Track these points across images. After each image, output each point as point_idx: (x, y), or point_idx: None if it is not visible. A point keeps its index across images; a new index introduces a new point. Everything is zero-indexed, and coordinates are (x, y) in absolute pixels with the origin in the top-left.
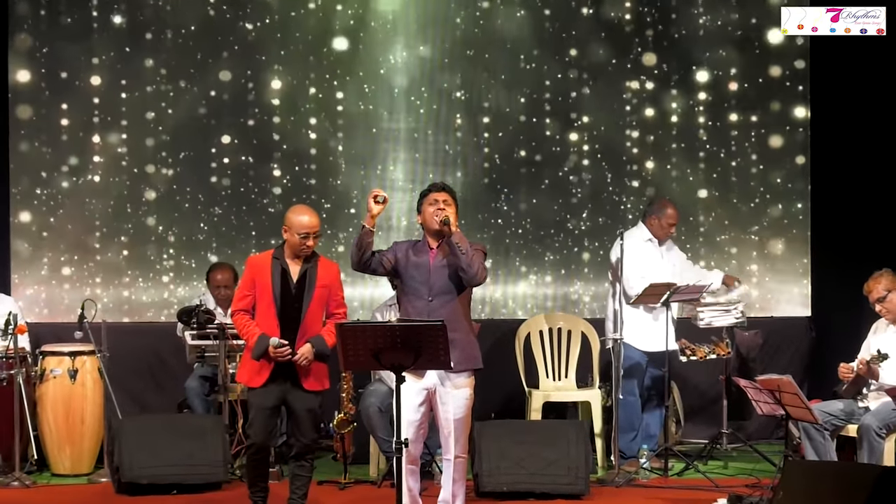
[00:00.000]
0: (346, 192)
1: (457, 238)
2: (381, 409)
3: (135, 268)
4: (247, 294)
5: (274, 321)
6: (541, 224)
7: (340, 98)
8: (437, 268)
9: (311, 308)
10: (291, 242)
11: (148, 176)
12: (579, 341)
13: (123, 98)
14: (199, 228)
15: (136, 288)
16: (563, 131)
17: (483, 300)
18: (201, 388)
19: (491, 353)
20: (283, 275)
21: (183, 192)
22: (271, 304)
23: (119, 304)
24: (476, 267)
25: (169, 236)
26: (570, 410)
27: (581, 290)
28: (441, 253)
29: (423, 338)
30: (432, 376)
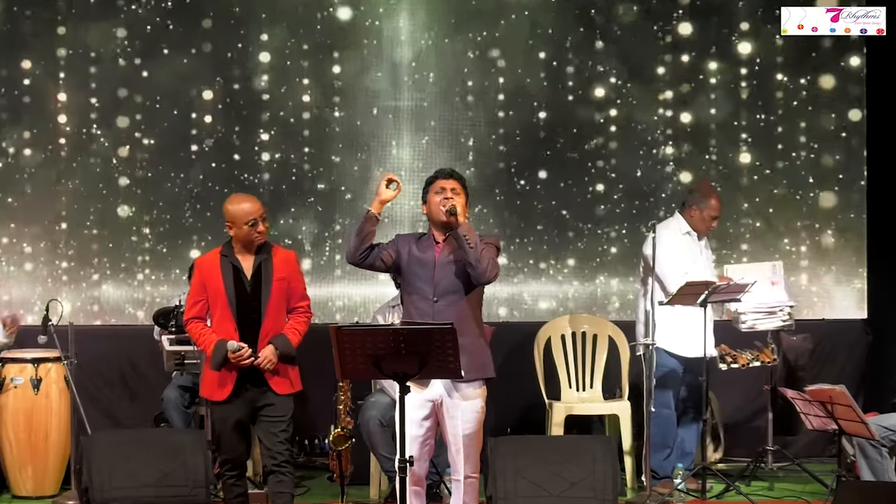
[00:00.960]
0: (343, 177)
1: (464, 230)
2: (383, 423)
3: (106, 263)
4: (198, 300)
5: (231, 325)
6: (563, 214)
7: (338, 72)
8: (443, 264)
9: (270, 305)
10: (240, 235)
11: (121, 158)
12: (606, 347)
13: (93, 73)
14: (179, 217)
15: (108, 286)
16: (589, 108)
17: (497, 300)
18: (180, 399)
19: (506, 361)
20: (236, 272)
21: (161, 176)
22: (226, 306)
23: (88, 305)
24: (486, 263)
25: (144, 227)
26: (596, 425)
27: (609, 289)
28: (448, 247)
29: (429, 343)
30: (438, 386)
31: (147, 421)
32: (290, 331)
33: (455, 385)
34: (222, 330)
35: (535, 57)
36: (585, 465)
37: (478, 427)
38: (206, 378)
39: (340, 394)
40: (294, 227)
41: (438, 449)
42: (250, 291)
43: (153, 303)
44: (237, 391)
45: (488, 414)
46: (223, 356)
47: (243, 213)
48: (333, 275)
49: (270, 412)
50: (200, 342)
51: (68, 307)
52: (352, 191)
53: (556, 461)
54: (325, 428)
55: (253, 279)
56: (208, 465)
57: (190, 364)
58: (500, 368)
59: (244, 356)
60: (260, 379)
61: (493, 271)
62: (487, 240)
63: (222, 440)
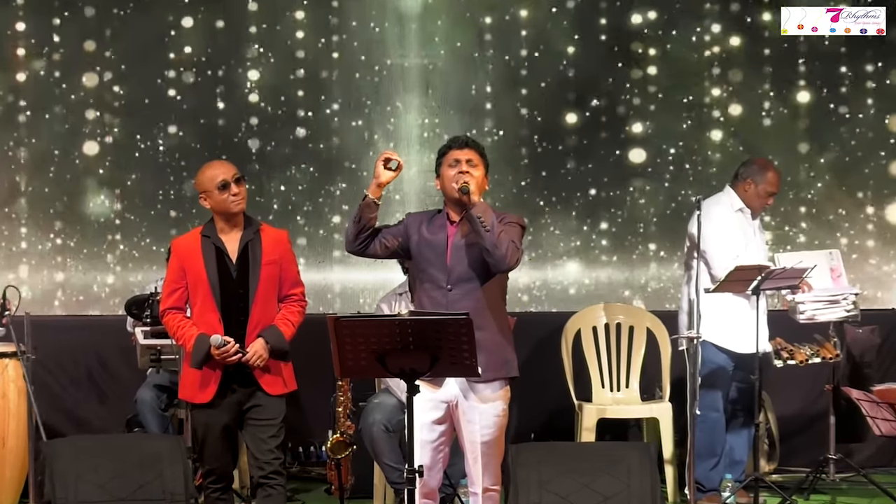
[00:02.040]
0: (342, 147)
1: (479, 210)
2: (389, 427)
3: (71, 244)
4: (176, 287)
5: (215, 315)
6: (595, 189)
7: (336, 24)
8: (458, 248)
9: (259, 292)
10: (217, 205)
11: (88, 122)
12: (644, 340)
13: (56, 24)
14: (155, 193)
15: (72, 270)
16: (625, 68)
17: (518, 287)
18: (157, 400)
19: (529, 356)
20: (219, 255)
21: (134, 145)
22: (209, 294)
23: (50, 292)
24: (504, 247)
25: (115, 203)
26: (633, 430)
27: (648, 274)
28: (463, 228)
29: (441, 335)
30: (453, 386)
31: (118, 425)
32: (282, 322)
33: (472, 385)
34: (204, 322)
35: (562, 6)
36: (620, 476)
37: (498, 433)
38: (186, 377)
39: (339, 394)
40: (284, 200)
41: (453, 457)
42: (236, 277)
43: (125, 290)
44: (222, 392)
45: (510, 417)
46: (205, 352)
47: (211, 177)
48: (331, 257)
49: (259, 415)
50: (179, 336)
51: (27, 294)
52: (352, 159)
53: (586, 471)
54: (322, 433)
55: (239, 262)
56: (189, 475)
57: (167, 360)
58: (522, 365)
59: (230, 352)
60: (248, 378)
61: (514, 257)
62: (509, 219)
63: (205, 448)
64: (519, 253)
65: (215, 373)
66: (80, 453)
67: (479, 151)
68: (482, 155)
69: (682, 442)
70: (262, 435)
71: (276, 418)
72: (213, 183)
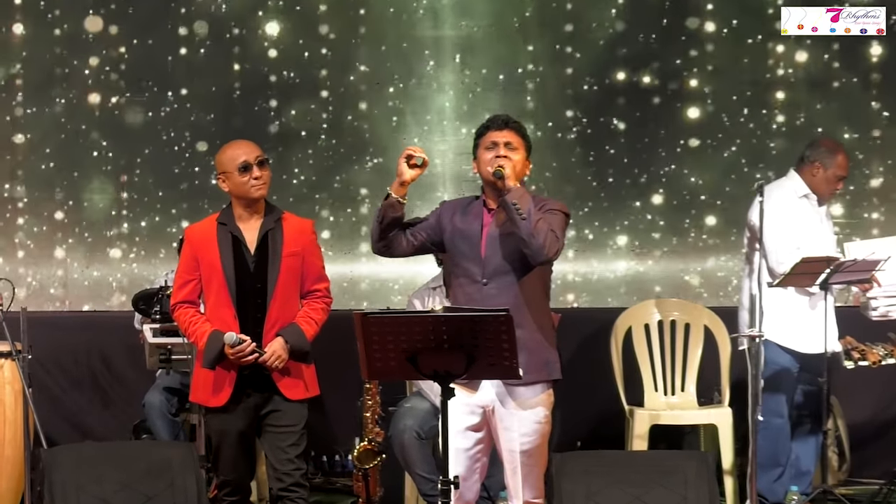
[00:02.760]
0: (370, 126)
1: (514, 196)
2: (421, 434)
3: (71, 233)
4: (189, 279)
5: (230, 311)
6: (647, 173)
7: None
8: (494, 238)
9: (279, 286)
10: (236, 189)
11: (87, 99)
12: (702, 339)
13: None
14: (164, 178)
15: (74, 261)
16: (678, 42)
17: (563, 280)
18: (166, 404)
19: (575, 357)
20: (236, 244)
21: (140, 123)
22: (223, 287)
23: (48, 286)
24: (542, 236)
25: (122, 190)
26: (689, 437)
27: (705, 266)
28: (500, 216)
29: (479, 334)
30: (489, 390)
31: (124, 432)
32: (303, 320)
33: (510, 389)
34: (218, 317)
35: None
36: (675, 487)
37: (540, 441)
38: (199, 379)
39: (367, 398)
40: (308, 187)
41: (491, 468)
42: (253, 269)
43: (133, 283)
44: (237, 396)
45: (553, 424)
46: (219, 351)
47: (231, 157)
48: (358, 248)
49: (277, 421)
50: (191, 333)
51: (22, 289)
52: (380, 143)
53: (638, 483)
54: (349, 441)
55: (258, 253)
56: (202, 486)
57: (178, 361)
58: (568, 366)
59: (245, 351)
60: (265, 380)
61: (553, 248)
62: (550, 206)
63: (220, 457)
64: (559, 243)
65: (230, 374)
66: (82, 462)
67: (521, 133)
68: (523, 137)
69: (742, 451)
70: (281, 443)
71: (296, 425)
72: (234, 164)
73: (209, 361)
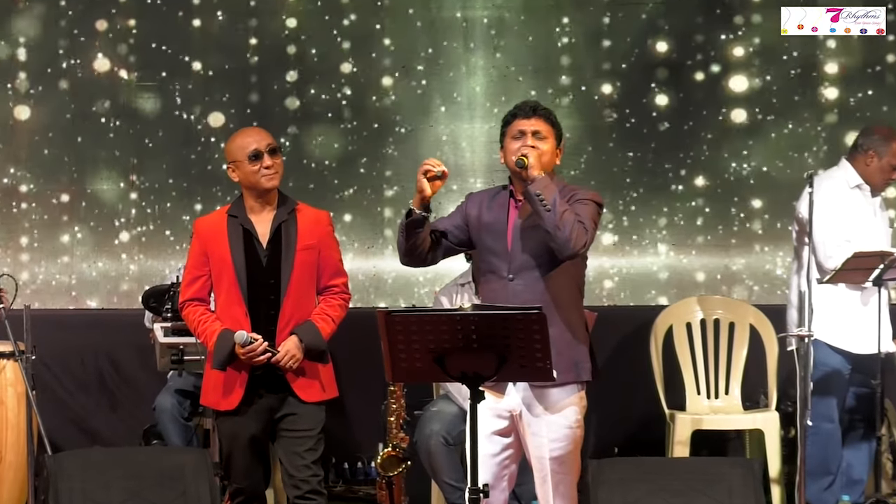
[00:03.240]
0: (396, 107)
1: (539, 186)
2: (449, 440)
3: (76, 225)
4: (198, 275)
5: (241, 308)
6: (690, 160)
7: None
8: (520, 230)
9: (293, 282)
10: (246, 179)
11: (96, 80)
12: (747, 339)
13: None
14: (176, 164)
15: (80, 255)
16: (722, 13)
17: (598, 275)
18: (178, 407)
19: (614, 358)
20: (247, 238)
21: (150, 106)
22: (234, 283)
23: (51, 282)
24: (568, 229)
25: (131, 174)
26: (733, 443)
27: (751, 261)
28: (527, 208)
29: (511, 333)
30: (514, 394)
31: (134, 437)
32: (319, 317)
33: (539, 391)
34: (229, 316)
35: None
36: (720, 496)
37: (572, 447)
38: (209, 380)
39: (391, 402)
40: (328, 172)
41: (522, 475)
42: (266, 263)
43: (143, 279)
44: (249, 398)
45: (588, 429)
46: (229, 351)
47: (241, 145)
48: (382, 240)
49: (293, 425)
50: (200, 332)
51: (27, 284)
52: (407, 128)
53: (679, 491)
54: (372, 447)
55: (270, 247)
56: (216, 494)
57: (191, 362)
58: (605, 368)
59: (257, 351)
60: (279, 382)
61: (580, 241)
62: (581, 195)
63: (232, 463)
64: (588, 235)
65: (241, 375)
66: (90, 469)
67: (550, 121)
68: (553, 125)
69: (790, 457)
70: (296, 448)
71: (312, 429)
72: (244, 152)
73: (219, 362)
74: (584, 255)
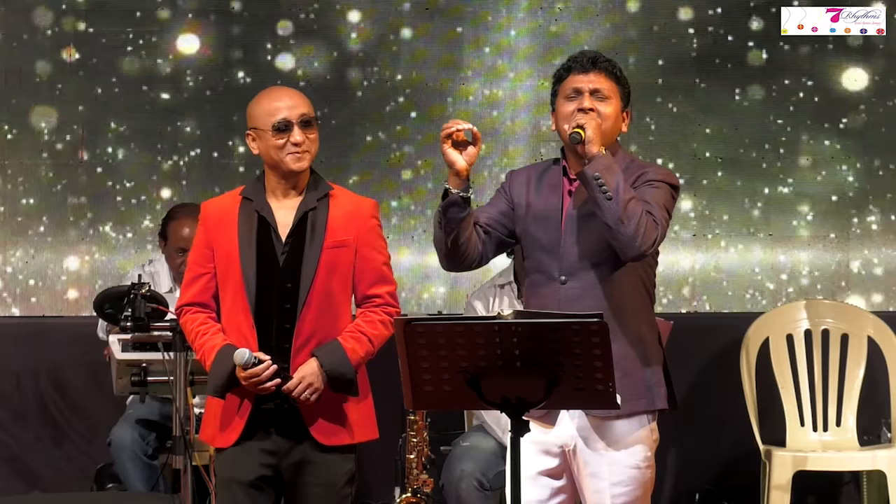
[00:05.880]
0: (426, 69)
1: (598, 167)
2: (484, 483)
3: (18, 214)
4: (201, 273)
5: (246, 319)
6: (783, 135)
7: None
8: (575, 220)
9: (316, 286)
10: (269, 154)
11: (46, 39)
12: (865, 355)
13: None
14: (144, 142)
15: (22, 252)
16: None
17: (674, 276)
18: (140, 442)
19: (694, 380)
20: (262, 228)
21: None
22: (240, 285)
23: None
24: (634, 224)
25: (82, 151)
26: (848, 487)
27: (867, 258)
28: (583, 192)
29: (563, 348)
30: (568, 424)
31: (84, 479)
32: (351, 336)
33: (598, 422)
34: (233, 327)
35: None
36: None
37: (639, 492)
38: (210, 409)
39: (411, 435)
40: (335, 150)
41: None
42: (284, 262)
43: (97, 278)
44: (250, 434)
45: (661, 469)
46: (228, 373)
47: (267, 111)
48: (402, 231)
49: (309, 477)
50: (197, 347)
51: None
52: (440, 94)
53: None
54: (387, 493)
55: (291, 241)
56: None
57: (157, 384)
58: (681, 392)
59: (262, 377)
60: (293, 418)
61: (650, 238)
62: (651, 175)
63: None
64: (659, 230)
65: (243, 404)
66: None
67: (614, 75)
68: (618, 80)
69: None
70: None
71: (334, 484)
72: (269, 119)
73: (216, 387)
74: (656, 251)
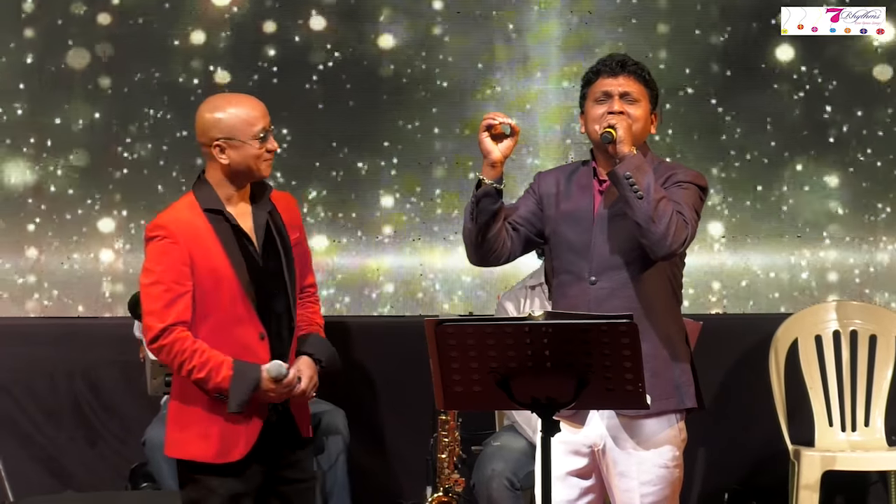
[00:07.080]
0: (454, 61)
1: (629, 166)
2: (514, 483)
3: (46, 211)
4: (182, 292)
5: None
6: (818, 134)
7: None
8: (606, 220)
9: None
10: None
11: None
12: (893, 356)
13: None
14: (170, 134)
15: (48, 250)
16: None
17: (701, 276)
18: None
19: (723, 380)
20: (238, 237)
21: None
22: (240, 298)
23: (15, 282)
24: (665, 223)
25: (118, 147)
26: (876, 487)
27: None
28: (613, 192)
29: (593, 349)
30: (597, 423)
31: (119, 478)
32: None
33: (627, 421)
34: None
35: None
36: None
37: (668, 491)
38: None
39: (443, 434)
40: (344, 140)
41: None
42: (271, 269)
43: (128, 280)
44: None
45: (689, 469)
46: (253, 388)
47: (248, 120)
48: (431, 230)
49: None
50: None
51: None
52: (458, 85)
53: None
54: (418, 492)
55: (265, 245)
56: None
57: None
58: (710, 392)
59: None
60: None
61: (680, 237)
62: (680, 177)
63: None
64: (689, 230)
65: (252, 419)
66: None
67: (643, 79)
68: (647, 84)
69: None
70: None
71: (311, 478)
72: (251, 130)
73: (242, 402)
74: (684, 252)
